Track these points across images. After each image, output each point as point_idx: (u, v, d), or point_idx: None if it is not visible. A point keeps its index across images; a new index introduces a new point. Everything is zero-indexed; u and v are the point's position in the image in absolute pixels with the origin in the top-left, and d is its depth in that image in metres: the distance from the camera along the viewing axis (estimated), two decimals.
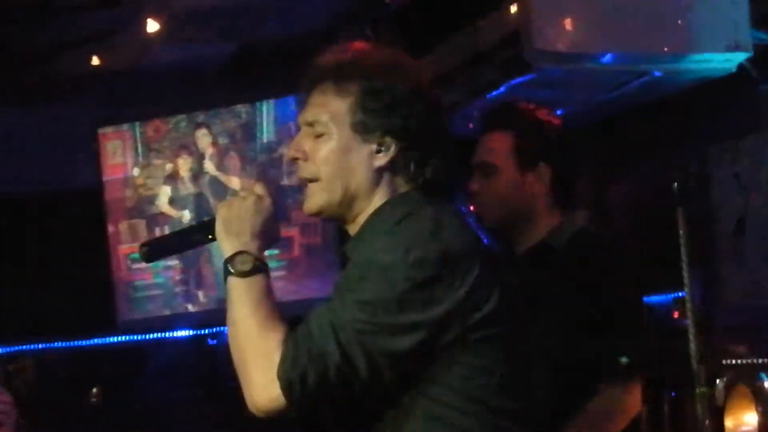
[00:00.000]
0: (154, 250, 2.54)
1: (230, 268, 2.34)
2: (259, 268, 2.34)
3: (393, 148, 2.37)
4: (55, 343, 7.23)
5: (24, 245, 7.25)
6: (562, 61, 4.38)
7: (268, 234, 2.41)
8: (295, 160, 2.45)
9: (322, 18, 6.28)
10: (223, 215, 2.40)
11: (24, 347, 7.06)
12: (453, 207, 2.41)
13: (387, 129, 2.36)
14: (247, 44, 6.75)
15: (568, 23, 4.30)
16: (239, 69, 6.95)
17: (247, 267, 2.32)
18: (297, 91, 2.49)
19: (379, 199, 2.40)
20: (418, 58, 4.78)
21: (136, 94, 7.09)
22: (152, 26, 6.22)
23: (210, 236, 2.44)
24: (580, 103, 4.83)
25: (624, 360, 3.28)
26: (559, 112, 4.79)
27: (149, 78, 6.98)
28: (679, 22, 4.31)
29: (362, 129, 2.37)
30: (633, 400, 3.37)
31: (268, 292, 2.32)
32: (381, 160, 2.38)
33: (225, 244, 2.37)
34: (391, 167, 2.39)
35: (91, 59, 6.72)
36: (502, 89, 4.59)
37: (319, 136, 2.40)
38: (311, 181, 2.42)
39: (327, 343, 2.19)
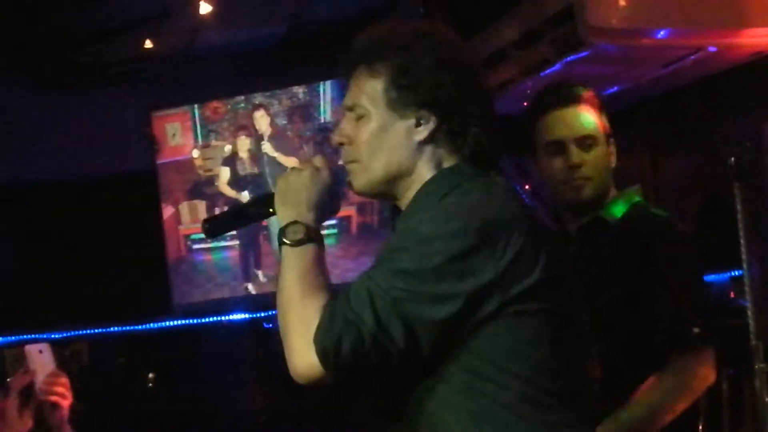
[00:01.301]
0: (216, 226, 2.58)
1: (283, 237, 2.37)
2: (312, 238, 2.35)
3: (432, 121, 2.39)
4: (111, 328, 7.29)
5: (79, 230, 7.32)
6: (616, 38, 4.35)
7: (325, 205, 2.42)
8: (341, 145, 2.48)
9: None
10: (280, 187, 2.43)
11: (80, 332, 7.12)
12: (501, 180, 2.41)
13: (420, 103, 2.37)
14: (298, 25, 6.76)
15: None
16: (291, 50, 6.98)
17: (298, 236, 2.34)
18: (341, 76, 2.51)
19: (425, 172, 2.40)
20: (471, 36, 4.83)
21: (188, 78, 7.14)
22: (204, 9, 6.25)
23: (270, 209, 2.48)
24: (634, 79, 4.80)
25: (696, 330, 3.27)
26: (613, 89, 4.79)
27: (200, 61, 7.03)
28: None
29: (397, 106, 2.38)
30: (706, 369, 3.35)
31: (318, 261, 2.33)
32: (420, 134, 2.39)
33: (281, 215, 2.40)
34: (432, 140, 2.39)
35: (143, 43, 6.77)
36: (556, 66, 4.57)
37: (359, 118, 2.44)
38: (354, 162, 2.46)
39: (363, 310, 2.19)
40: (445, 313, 2.20)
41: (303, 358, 2.23)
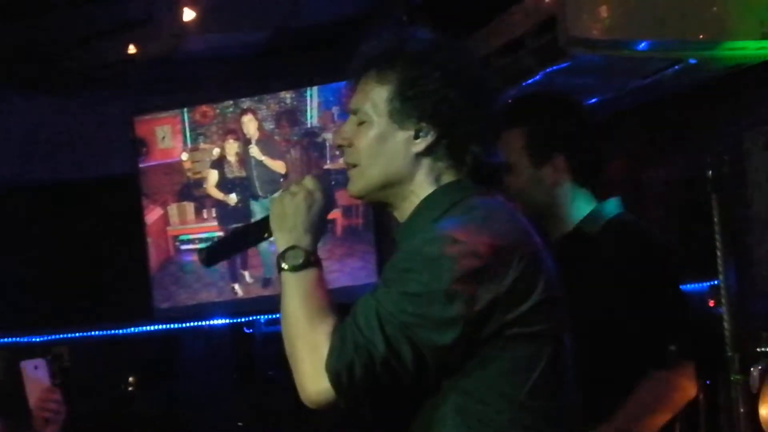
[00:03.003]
0: (213, 254, 2.60)
1: (282, 262, 2.39)
2: (311, 262, 2.39)
3: (431, 135, 2.40)
4: (92, 332, 7.29)
5: (61, 233, 7.36)
6: (597, 48, 4.35)
7: (320, 227, 2.46)
8: (341, 146, 2.50)
9: (356, 4, 6.29)
10: (275, 212, 2.46)
11: (60, 336, 7.13)
12: (502, 198, 2.43)
13: (421, 115, 2.40)
14: (285, 31, 6.78)
15: (603, 10, 4.27)
16: (279, 55, 7.00)
17: (298, 261, 2.37)
18: (339, 78, 2.54)
19: (423, 185, 2.43)
20: None
21: (176, 82, 7.15)
22: (187, 14, 6.27)
23: (266, 234, 2.50)
24: (614, 90, 4.81)
25: (672, 347, 3.28)
26: (594, 99, 4.80)
27: (187, 66, 7.04)
28: (714, 9, 4.27)
29: (399, 117, 2.41)
30: (686, 382, 3.36)
31: (319, 285, 2.37)
32: (418, 146, 2.42)
33: (279, 240, 2.44)
34: (431, 153, 2.42)
35: (127, 47, 6.79)
36: (537, 77, 4.58)
37: (361, 123, 2.46)
38: (353, 166, 2.47)
39: (373, 335, 2.22)
40: (453, 337, 2.24)
41: (315, 384, 2.26)
